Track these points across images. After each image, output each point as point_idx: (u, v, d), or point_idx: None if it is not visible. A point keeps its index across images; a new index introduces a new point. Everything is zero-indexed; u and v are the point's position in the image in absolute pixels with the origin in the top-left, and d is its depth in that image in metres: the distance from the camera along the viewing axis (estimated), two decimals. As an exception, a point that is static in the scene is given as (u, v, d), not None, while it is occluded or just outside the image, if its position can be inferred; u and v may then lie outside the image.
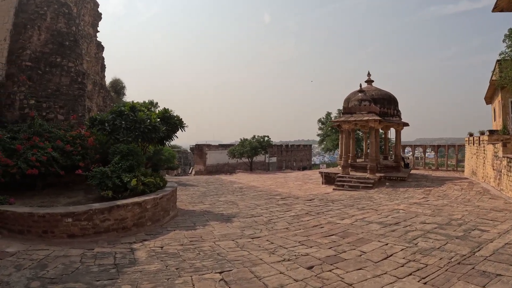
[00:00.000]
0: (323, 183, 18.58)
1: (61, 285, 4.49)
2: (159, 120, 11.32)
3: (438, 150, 26.51)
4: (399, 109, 21.05)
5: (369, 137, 18.65)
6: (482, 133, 17.40)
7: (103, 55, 22.43)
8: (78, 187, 10.74)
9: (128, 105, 11.30)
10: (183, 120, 12.17)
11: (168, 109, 12.02)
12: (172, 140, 12.40)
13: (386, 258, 5.67)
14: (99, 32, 21.83)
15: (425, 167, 25.94)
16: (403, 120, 20.87)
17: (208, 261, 5.63)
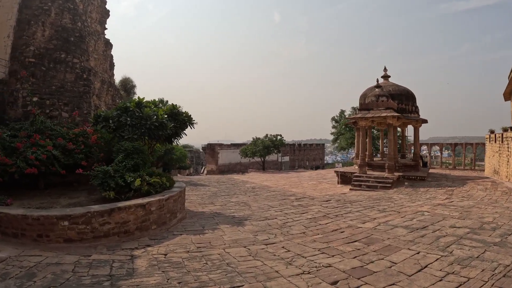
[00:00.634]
0: (338, 183, 17.78)
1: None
2: (166, 116, 10.68)
3: (455, 149, 25.55)
4: (417, 105, 20.14)
5: (387, 134, 17.77)
6: (505, 129, 16.44)
7: (111, 53, 22.00)
8: (82, 187, 10.24)
9: (134, 101, 10.73)
10: (192, 116, 11.51)
11: (176, 105, 11.36)
12: (181, 137, 11.73)
13: (420, 270, 4.91)
14: (107, 29, 21.41)
15: (441, 166, 25.04)
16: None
17: (215, 273, 4.93)
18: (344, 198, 12.88)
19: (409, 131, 24.11)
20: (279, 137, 36.01)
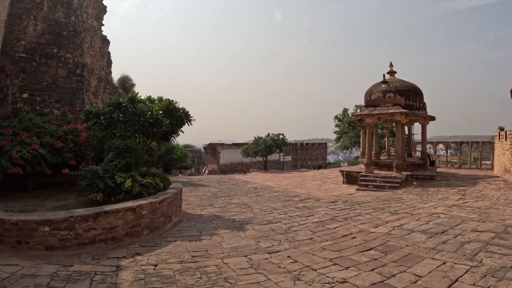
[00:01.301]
0: (344, 183, 17.06)
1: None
2: (162, 112, 9.97)
3: (461, 147, 24.91)
4: (424, 101, 19.43)
5: (395, 132, 17.05)
6: (517, 126, 15.69)
7: (109, 49, 21.36)
8: (73, 188, 9.56)
9: (127, 97, 10.05)
10: (189, 113, 10.81)
11: (172, 100, 10.63)
12: (178, 135, 11.02)
13: (451, 286, 4.20)
14: (104, 25, 20.75)
15: (447, 165, 24.38)
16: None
17: (211, 291, 4.23)
18: (351, 199, 12.16)
19: (414, 129, 23.53)
20: (281, 136, 35.32)
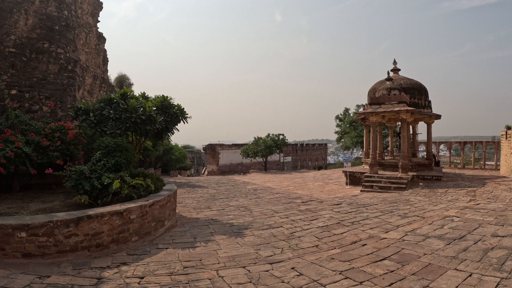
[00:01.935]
0: (347, 184, 16.46)
1: None
2: (155, 109, 9.38)
3: (464, 147, 24.38)
4: (430, 99, 18.85)
5: (400, 131, 16.45)
6: (527, 124, 15.12)
7: (105, 47, 20.80)
8: (61, 189, 8.99)
9: (119, 93, 9.46)
10: (185, 110, 10.20)
11: (167, 96, 10.01)
12: (173, 133, 10.40)
13: (484, 304, 3.61)
14: (99, 22, 20.17)
15: (450, 165, 23.81)
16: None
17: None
18: (356, 201, 11.55)
19: (418, 128, 23.00)
20: (281, 137, 34.75)
